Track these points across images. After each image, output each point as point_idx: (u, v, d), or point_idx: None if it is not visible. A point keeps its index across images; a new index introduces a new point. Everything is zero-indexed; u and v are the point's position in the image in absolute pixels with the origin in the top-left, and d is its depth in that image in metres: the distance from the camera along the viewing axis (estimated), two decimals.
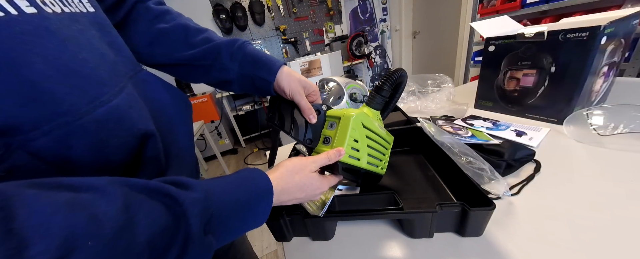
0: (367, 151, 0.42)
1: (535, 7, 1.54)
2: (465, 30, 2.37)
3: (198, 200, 0.23)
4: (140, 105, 0.30)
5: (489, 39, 0.75)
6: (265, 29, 2.83)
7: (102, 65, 0.26)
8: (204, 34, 0.44)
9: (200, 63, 0.43)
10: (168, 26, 0.42)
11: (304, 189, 0.35)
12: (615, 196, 0.42)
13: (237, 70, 0.43)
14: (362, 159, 0.41)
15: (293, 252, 0.44)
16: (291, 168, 0.34)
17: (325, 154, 0.36)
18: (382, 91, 0.43)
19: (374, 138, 0.43)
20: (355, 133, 0.39)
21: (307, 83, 0.44)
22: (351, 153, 0.39)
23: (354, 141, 0.39)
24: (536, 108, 0.71)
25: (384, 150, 0.46)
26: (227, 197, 0.26)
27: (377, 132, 0.44)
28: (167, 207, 0.21)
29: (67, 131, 0.22)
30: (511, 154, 0.52)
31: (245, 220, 0.28)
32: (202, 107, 2.36)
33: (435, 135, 0.54)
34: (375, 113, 0.45)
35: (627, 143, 0.53)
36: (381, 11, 3.31)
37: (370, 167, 0.43)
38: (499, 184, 0.44)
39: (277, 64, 0.43)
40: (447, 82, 0.97)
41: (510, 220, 0.41)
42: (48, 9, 0.22)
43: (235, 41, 0.43)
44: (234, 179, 0.29)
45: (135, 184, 0.21)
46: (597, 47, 0.56)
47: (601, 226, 0.37)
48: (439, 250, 0.39)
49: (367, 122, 0.41)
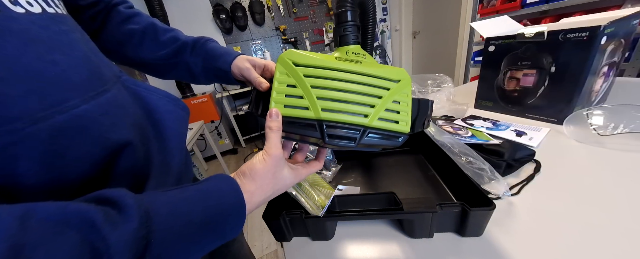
0: (319, 94, 0.30)
1: (535, 7, 1.54)
2: (465, 30, 2.37)
3: (129, 231, 0.18)
4: (121, 111, 0.27)
5: (489, 39, 0.75)
6: (265, 29, 2.83)
7: (80, 68, 0.25)
8: (172, 33, 0.47)
9: (169, 62, 0.46)
10: (138, 27, 0.45)
11: (277, 186, 0.31)
12: (615, 196, 0.42)
13: (201, 64, 0.47)
14: (313, 106, 0.30)
15: (293, 252, 0.44)
16: (262, 170, 0.29)
17: (267, 129, 0.30)
18: (343, 16, 0.33)
19: (328, 74, 0.31)
20: (284, 77, 0.31)
21: (256, 61, 0.45)
22: (289, 102, 0.30)
23: (288, 87, 0.30)
24: (536, 108, 0.71)
25: (368, 90, 0.31)
26: (175, 220, 0.22)
27: (330, 66, 0.31)
28: (86, 242, 0.17)
29: (14, 139, 0.19)
30: (511, 154, 0.52)
31: (205, 241, 0.24)
32: (202, 107, 2.36)
33: (435, 135, 0.54)
34: (346, 49, 0.33)
35: (627, 143, 0.53)
36: (381, 11, 3.31)
37: (338, 117, 0.30)
38: (499, 184, 0.44)
39: (233, 55, 0.46)
40: (447, 82, 0.97)
41: (510, 220, 0.41)
42: (19, 9, 0.21)
43: (200, 39, 0.47)
44: (193, 193, 0.24)
45: (43, 212, 0.16)
46: (597, 47, 0.56)
47: (601, 226, 0.37)
48: (439, 250, 0.39)
49: (300, 59, 0.31)
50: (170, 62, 0.46)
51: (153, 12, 2.07)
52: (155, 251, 0.20)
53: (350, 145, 0.31)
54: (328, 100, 0.30)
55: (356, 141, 0.31)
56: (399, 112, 0.33)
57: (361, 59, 0.33)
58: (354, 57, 0.33)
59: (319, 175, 0.53)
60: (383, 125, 0.32)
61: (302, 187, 0.45)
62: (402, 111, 0.33)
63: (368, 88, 0.31)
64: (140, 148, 0.28)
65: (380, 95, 0.32)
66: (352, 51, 0.33)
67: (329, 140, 0.31)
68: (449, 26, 2.62)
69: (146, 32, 0.45)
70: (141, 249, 0.19)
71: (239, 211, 0.26)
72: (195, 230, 0.23)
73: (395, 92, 0.32)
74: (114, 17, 0.44)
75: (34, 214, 0.16)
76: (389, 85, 0.32)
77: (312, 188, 0.45)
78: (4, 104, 0.19)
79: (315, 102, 0.30)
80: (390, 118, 0.32)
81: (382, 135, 0.32)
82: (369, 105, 0.31)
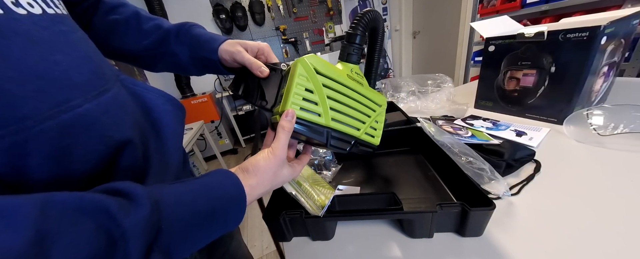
0: (331, 105, 0.34)
1: (535, 7, 1.54)
2: (465, 30, 2.37)
3: (142, 218, 0.20)
4: (122, 110, 0.28)
5: (489, 39, 0.75)
6: (265, 29, 2.83)
7: (81, 68, 0.25)
8: (155, 21, 0.45)
9: (155, 52, 0.44)
10: (121, 17, 0.43)
11: (275, 182, 0.33)
12: (615, 196, 0.42)
13: (188, 53, 0.44)
14: (325, 114, 0.33)
15: (293, 252, 0.44)
16: (265, 168, 0.31)
17: (280, 128, 0.31)
18: (353, 38, 0.36)
19: (340, 89, 0.35)
20: (304, 80, 0.32)
21: (248, 44, 0.42)
22: (304, 106, 0.32)
23: (306, 91, 0.32)
24: (536, 108, 0.71)
25: (364, 109, 0.39)
26: (183, 208, 0.23)
27: (343, 82, 0.36)
28: (101, 229, 0.18)
29: (24, 137, 0.20)
30: (511, 154, 0.52)
31: (210, 229, 0.26)
32: (202, 107, 2.36)
33: (435, 135, 0.54)
34: (351, 67, 0.38)
35: (627, 143, 0.53)
36: (381, 11, 3.31)
37: (341, 127, 0.35)
38: (499, 184, 0.44)
39: (219, 40, 0.43)
40: (447, 82, 0.97)
41: (510, 220, 0.41)
42: (21, 11, 0.22)
43: (184, 24, 0.44)
44: (197, 186, 0.26)
45: (61, 202, 0.17)
46: (597, 47, 0.56)
47: (601, 226, 0.37)
48: (439, 250, 0.39)
49: (322, 67, 0.33)
50: (156, 52, 0.44)
51: (153, 12, 2.07)
52: (166, 239, 0.21)
53: (341, 152, 0.39)
54: (336, 111, 0.35)
55: (348, 149, 0.39)
56: (376, 129, 0.43)
57: (362, 81, 0.40)
58: (357, 77, 0.39)
59: (319, 175, 0.53)
60: (367, 138, 0.41)
61: (302, 187, 0.45)
62: (378, 129, 0.43)
63: (364, 107, 0.39)
64: (140, 147, 0.29)
65: (369, 114, 0.40)
66: (355, 71, 0.39)
67: (330, 146, 0.36)
68: (449, 26, 2.62)
69: (129, 22, 0.43)
70: (153, 235, 0.21)
71: (240, 202, 0.28)
72: (201, 219, 0.24)
73: (378, 114, 0.42)
74: (100, 9, 0.43)
75: (53, 202, 0.17)
76: (375, 108, 0.42)
77: (312, 188, 0.45)
78: (14, 104, 0.20)
79: (327, 110, 0.34)
80: (372, 134, 0.42)
81: (364, 145, 0.42)
82: (362, 121, 0.39)
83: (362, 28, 0.36)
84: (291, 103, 0.32)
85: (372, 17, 0.36)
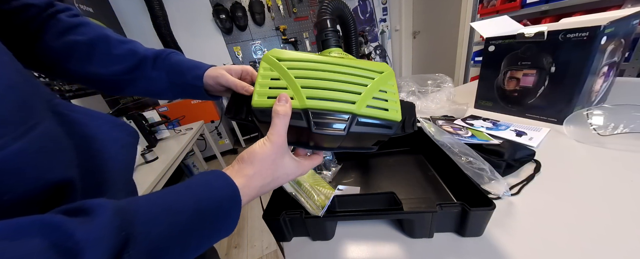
0: (303, 84, 0.31)
1: (535, 7, 1.54)
2: (465, 30, 2.37)
3: (99, 223, 0.18)
4: (58, 145, 0.25)
5: (489, 39, 0.75)
6: (265, 29, 2.83)
7: (3, 100, 0.21)
8: (128, 45, 0.42)
9: (125, 77, 0.42)
10: (83, 39, 0.39)
11: (277, 173, 0.30)
12: (615, 196, 0.42)
13: (166, 79, 0.43)
14: (297, 95, 0.31)
15: (293, 252, 0.44)
16: (261, 154, 0.28)
17: (274, 113, 0.29)
18: (322, 25, 0.36)
19: (311, 66, 0.32)
20: (267, 70, 0.32)
21: (232, 68, 0.43)
22: (272, 94, 0.31)
23: (271, 80, 0.32)
24: (536, 108, 0.71)
25: (352, 78, 0.32)
26: (159, 209, 0.21)
27: (315, 60, 0.32)
28: (50, 243, 0.16)
29: None
30: (511, 154, 0.52)
31: (204, 230, 0.23)
32: (202, 107, 2.36)
33: (435, 135, 0.54)
34: (330, 50, 0.37)
35: (627, 143, 0.53)
36: (381, 11, 3.31)
37: (323, 104, 0.30)
38: (499, 184, 0.44)
39: (203, 68, 0.43)
40: (447, 82, 0.97)
41: (510, 220, 0.41)
42: None
43: (162, 52, 0.44)
44: (178, 187, 0.24)
45: None
46: (597, 47, 0.56)
47: (601, 226, 0.37)
48: (439, 250, 0.39)
49: (283, 54, 0.33)
50: (126, 77, 0.41)
51: (153, 12, 2.07)
52: (145, 243, 0.19)
53: (340, 135, 0.31)
54: (313, 88, 0.31)
55: (346, 129, 0.31)
56: (387, 100, 0.33)
57: (345, 56, 0.35)
58: (337, 56, 0.35)
59: (319, 175, 0.53)
60: (372, 113, 0.32)
61: (302, 187, 0.45)
62: (390, 99, 0.33)
63: (352, 77, 0.32)
64: (79, 185, 0.25)
65: (365, 83, 0.32)
66: (334, 52, 0.35)
67: (316, 128, 0.30)
68: (449, 26, 2.62)
69: (95, 45, 0.39)
70: (121, 242, 0.18)
71: (233, 196, 0.26)
72: (187, 220, 0.22)
73: (380, 82, 0.33)
74: (52, 27, 0.38)
75: None
76: (373, 75, 0.33)
77: (312, 188, 0.45)
78: None
79: (299, 90, 0.30)
80: (379, 106, 0.32)
81: (372, 123, 0.32)
82: (355, 92, 0.31)
83: (329, 13, 0.35)
84: (257, 96, 0.31)
85: (335, 6, 0.36)
